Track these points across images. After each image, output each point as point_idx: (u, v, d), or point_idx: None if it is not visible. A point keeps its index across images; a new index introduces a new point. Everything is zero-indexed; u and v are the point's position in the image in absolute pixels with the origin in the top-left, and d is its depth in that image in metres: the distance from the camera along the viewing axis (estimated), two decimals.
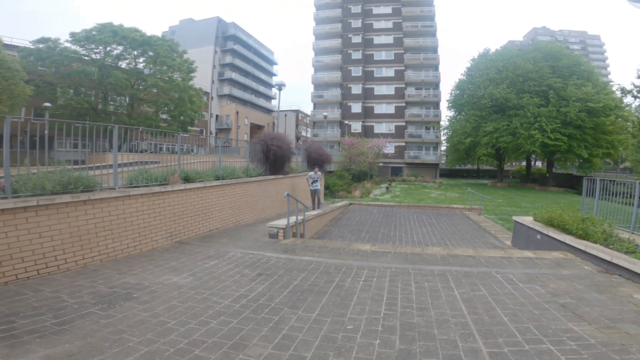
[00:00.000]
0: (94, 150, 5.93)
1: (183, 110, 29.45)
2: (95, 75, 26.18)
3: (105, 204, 5.40)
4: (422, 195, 24.71)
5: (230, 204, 8.84)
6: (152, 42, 27.80)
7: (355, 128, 44.18)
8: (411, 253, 6.11)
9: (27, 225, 4.39)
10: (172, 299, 3.92)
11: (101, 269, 5.01)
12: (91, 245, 5.20)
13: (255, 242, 7.03)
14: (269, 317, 3.51)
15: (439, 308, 3.67)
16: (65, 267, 4.83)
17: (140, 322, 3.28)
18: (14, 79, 19.24)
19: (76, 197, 4.94)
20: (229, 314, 3.55)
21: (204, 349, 2.81)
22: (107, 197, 5.40)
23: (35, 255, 4.46)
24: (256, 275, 4.90)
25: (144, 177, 6.55)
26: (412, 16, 44.85)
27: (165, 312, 3.54)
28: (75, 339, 2.87)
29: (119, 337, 2.93)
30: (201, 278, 4.72)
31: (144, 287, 4.29)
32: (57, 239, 4.73)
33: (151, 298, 3.93)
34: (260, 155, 11.66)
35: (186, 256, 5.88)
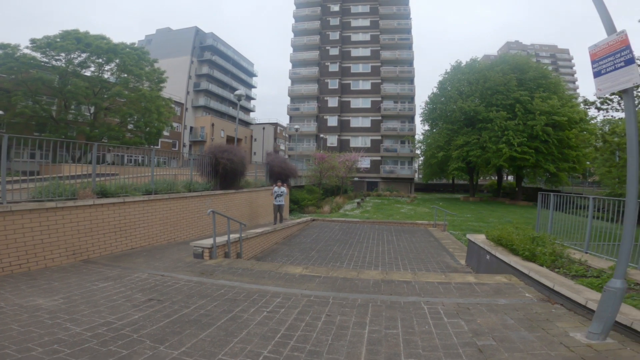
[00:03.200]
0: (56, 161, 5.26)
1: (149, 121, 28.31)
2: (55, 82, 24.80)
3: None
4: (393, 211, 24.31)
5: (161, 220, 8.01)
6: (119, 50, 26.75)
7: (332, 142, 43.86)
8: (343, 278, 5.46)
9: None
10: (14, 322, 3.35)
11: None
12: None
13: (175, 263, 6.24)
14: (116, 350, 2.88)
15: (334, 353, 3.01)
16: None
17: None
18: None
19: None
20: (67, 344, 2.94)
21: None
22: None
23: None
24: (145, 301, 4.18)
25: (50, 192, 5.76)
26: (389, 29, 45.62)
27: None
28: None
29: None
30: (74, 301, 4.04)
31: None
32: None
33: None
34: (209, 168, 10.89)
35: (78, 276, 5.11)
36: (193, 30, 54.68)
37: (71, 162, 8.81)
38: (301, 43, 47.68)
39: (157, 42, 53.63)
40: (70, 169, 6.79)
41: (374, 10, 46.53)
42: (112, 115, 27.64)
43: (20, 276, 4.96)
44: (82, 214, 6.02)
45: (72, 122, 26.18)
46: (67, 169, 6.82)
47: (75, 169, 6.95)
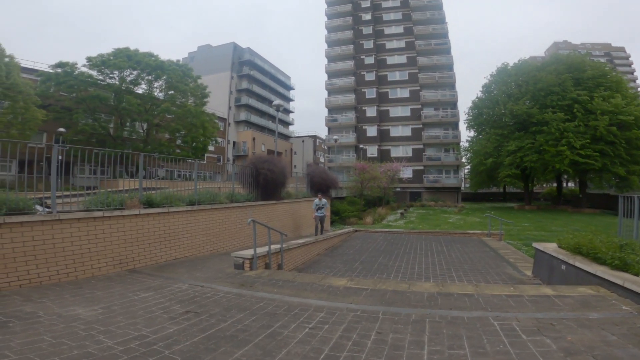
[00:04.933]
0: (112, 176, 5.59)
1: (195, 136, 29.58)
2: (111, 100, 26.61)
3: (27, 228, 4.71)
4: (439, 221, 23.00)
5: (204, 230, 8.00)
6: (166, 67, 28.18)
7: (372, 152, 43.07)
8: (393, 290, 4.94)
9: None
10: (49, 332, 3.22)
11: (11, 295, 4.38)
12: (7, 270, 4.55)
13: (216, 273, 6.09)
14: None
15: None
16: None
17: None
18: (25, 102, 19.63)
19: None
20: (95, 358, 2.73)
21: None
22: (28, 222, 4.71)
23: None
24: (182, 313, 3.98)
25: (99, 202, 5.94)
26: (424, 34, 44.42)
27: (19, 346, 2.88)
28: None
29: None
30: (113, 312, 3.92)
31: (32, 316, 3.63)
32: None
33: (23, 329, 3.27)
34: (250, 179, 10.89)
35: (122, 286, 5.07)
36: (231, 46, 56.68)
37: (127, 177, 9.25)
38: (335, 53, 47.75)
39: (198, 58, 56.36)
40: (125, 183, 7.12)
41: (406, 17, 45.70)
42: (162, 131, 29.23)
43: (66, 284, 5.02)
44: (129, 224, 6.10)
45: (127, 139, 28.01)
46: (122, 183, 7.21)
47: (129, 183, 7.20)
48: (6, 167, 7.94)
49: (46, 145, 5.49)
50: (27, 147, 5.16)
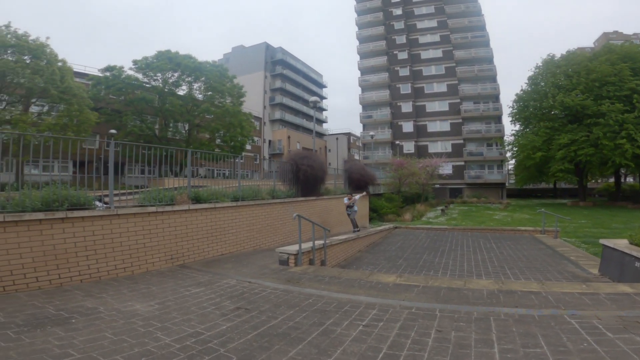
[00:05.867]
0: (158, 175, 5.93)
1: (233, 135, 30.32)
2: (155, 102, 27.90)
3: (88, 223, 4.96)
4: (484, 218, 21.90)
5: (247, 226, 8.11)
6: (204, 68, 29.02)
7: (408, 148, 41.94)
8: (447, 287, 4.68)
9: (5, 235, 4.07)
10: (110, 328, 3.28)
11: (73, 290, 4.56)
12: (69, 265, 4.77)
13: (261, 269, 6.12)
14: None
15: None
16: (36, 285, 4.44)
17: (41, 350, 2.66)
18: (79, 105, 20.86)
19: (50, 215, 4.54)
20: (156, 357, 2.71)
21: None
22: (89, 216, 4.95)
23: (1, 272, 4.12)
24: (233, 309, 3.98)
25: (152, 198, 6.18)
26: (460, 27, 42.50)
27: (83, 343, 2.90)
28: None
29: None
30: (167, 307, 3.98)
31: (93, 312, 3.73)
32: (27, 257, 4.36)
33: (85, 325, 3.32)
34: (290, 175, 10.93)
35: (174, 281, 5.20)
36: (263, 46, 57.22)
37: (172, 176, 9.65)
38: (367, 50, 46.94)
39: (233, 59, 57.57)
40: (170, 182, 7.43)
41: (439, 10, 43.90)
42: (202, 131, 30.27)
43: (123, 279, 5.21)
44: (179, 219, 6.29)
45: (171, 139, 29.30)
46: (168, 182, 7.50)
47: (174, 182, 7.48)
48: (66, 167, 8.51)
49: (101, 143, 5.77)
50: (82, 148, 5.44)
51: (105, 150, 5.80)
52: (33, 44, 19.68)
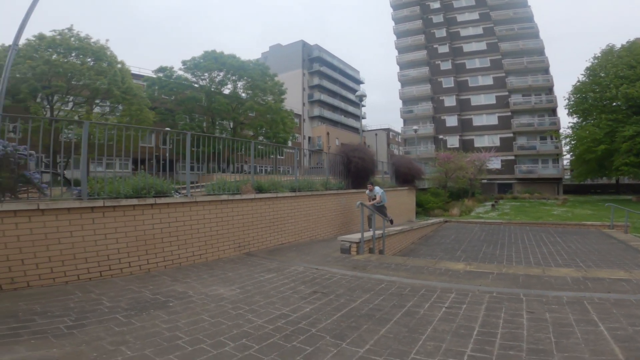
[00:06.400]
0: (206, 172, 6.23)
1: (276, 132, 31.08)
2: (203, 101, 29.24)
3: (172, 209, 5.35)
4: (540, 213, 20.65)
5: (304, 217, 8.33)
6: (247, 67, 29.99)
7: (452, 143, 40.45)
8: (524, 274, 4.53)
9: (93, 226, 4.46)
10: (205, 312, 3.46)
11: (160, 275, 4.88)
12: (156, 250, 5.13)
13: (324, 257, 6.27)
14: (300, 347, 2.69)
15: (570, 350, 2.30)
16: (128, 271, 4.80)
17: (152, 334, 2.84)
18: (139, 105, 22.26)
19: (142, 201, 4.95)
20: (254, 337, 2.86)
21: None
22: (173, 202, 5.35)
23: (99, 257, 4.50)
24: (310, 293, 4.12)
25: (219, 188, 6.54)
26: (504, 19, 40.31)
27: (186, 326, 3.06)
28: (69, 345, 2.55)
29: (115, 349, 2.50)
30: (248, 292, 4.17)
31: (185, 296, 3.95)
32: (122, 242, 4.74)
33: (183, 309, 3.51)
34: (341, 167, 11.05)
35: (246, 268, 5.45)
36: (300, 44, 57.89)
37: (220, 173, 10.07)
38: (405, 44, 45.97)
39: (271, 58, 58.70)
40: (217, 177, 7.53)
41: (480, 3, 41.81)
42: (247, 128, 31.32)
43: (200, 266, 5.52)
44: (246, 207, 6.60)
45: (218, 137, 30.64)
46: (215, 177, 7.79)
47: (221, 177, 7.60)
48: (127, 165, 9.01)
49: (182, 135, 6.19)
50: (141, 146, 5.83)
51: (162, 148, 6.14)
52: (95, 46, 20.89)
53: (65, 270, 4.23)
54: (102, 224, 4.55)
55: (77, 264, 4.31)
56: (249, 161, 25.82)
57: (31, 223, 3.96)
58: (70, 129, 16.46)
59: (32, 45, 19.66)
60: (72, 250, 4.26)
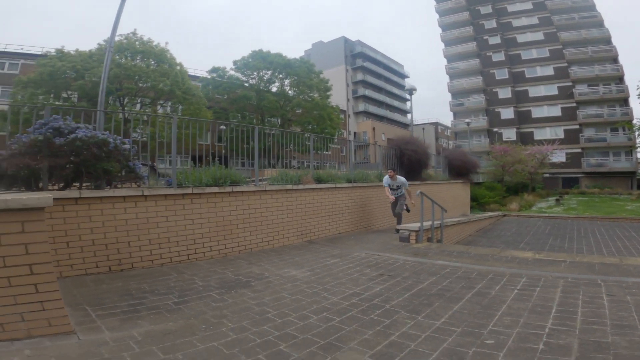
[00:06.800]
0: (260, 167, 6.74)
1: (324, 127, 31.56)
2: (253, 99, 30.53)
3: (246, 197, 5.83)
4: (613, 208, 18.95)
5: (360, 207, 8.57)
6: (292, 64, 30.85)
7: (508, 136, 38.27)
8: (600, 263, 4.40)
9: (183, 212, 5.04)
10: (284, 290, 3.80)
11: (236, 259, 5.33)
12: (232, 236, 5.64)
13: (383, 245, 6.46)
14: (378, 319, 2.93)
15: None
16: (210, 254, 5.32)
17: (244, 309, 3.20)
18: (198, 104, 23.63)
19: (222, 189, 5.48)
20: (333, 311, 3.14)
21: (291, 345, 2.46)
22: (247, 191, 5.85)
23: (187, 241, 5.06)
24: (377, 275, 4.35)
25: (282, 179, 6.99)
26: (562, 9, 37.35)
27: (271, 302, 3.41)
28: (181, 319, 2.93)
29: (218, 321, 2.88)
30: (318, 274, 4.48)
31: (263, 277, 4.32)
32: (205, 227, 5.28)
33: (264, 287, 3.88)
34: (393, 160, 11.11)
35: (311, 253, 5.80)
36: (342, 40, 57.71)
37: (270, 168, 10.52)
38: (452, 37, 44.38)
39: (314, 55, 58.96)
40: (268, 172, 8.01)
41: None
42: (294, 125, 32.15)
43: (269, 251, 5.92)
44: (308, 197, 7.00)
45: (267, 134, 31.79)
46: (267, 172, 8.22)
47: (272, 172, 7.85)
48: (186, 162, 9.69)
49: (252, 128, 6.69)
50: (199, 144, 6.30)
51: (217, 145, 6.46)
52: (156, 49, 22.33)
53: (161, 252, 4.81)
54: (190, 210, 5.13)
55: (170, 247, 4.89)
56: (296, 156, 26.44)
57: (137, 208, 4.60)
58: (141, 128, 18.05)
59: (103, 50, 21.66)
60: (167, 234, 4.86)
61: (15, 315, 2.43)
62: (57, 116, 4.35)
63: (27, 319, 2.45)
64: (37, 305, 2.49)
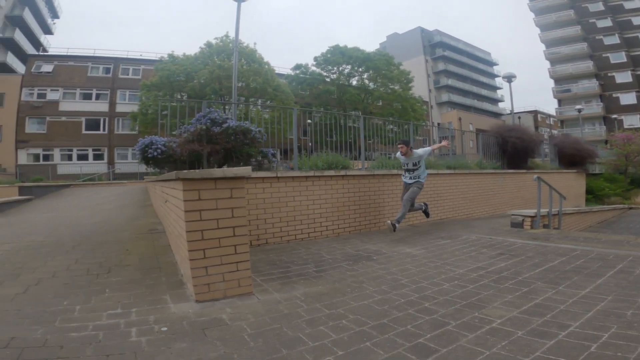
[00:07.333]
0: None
1: (407, 119, 30.90)
2: (334, 94, 31.39)
3: (356, 181, 6.29)
4: None
5: (462, 194, 8.44)
6: (372, 58, 30.88)
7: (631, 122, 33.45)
8: None
9: (307, 193, 5.67)
10: (406, 263, 4.05)
11: (349, 238, 5.77)
12: (344, 216, 6.14)
13: (493, 230, 6.33)
14: (514, 287, 3.05)
15: None
16: (325, 233, 5.87)
17: (377, 277, 3.54)
18: (288, 100, 25.05)
19: (337, 172, 6.03)
20: (464, 280, 3.34)
21: (434, 304, 2.74)
22: (357, 175, 6.32)
23: (308, 220, 5.67)
24: (496, 255, 4.37)
25: (382, 165, 7.35)
26: None
27: (399, 272, 3.68)
28: (327, 283, 3.37)
29: (359, 286, 3.27)
30: (433, 252, 4.63)
31: (381, 253, 4.62)
32: (323, 207, 5.86)
33: (387, 261, 4.18)
34: (495, 148, 10.64)
35: (418, 235, 5.96)
36: (418, 30, 55.81)
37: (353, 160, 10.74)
38: (550, 21, 40.47)
39: (389, 48, 57.32)
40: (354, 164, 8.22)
41: None
42: (377, 115, 32.07)
43: (375, 233, 6.21)
44: None
45: (350, 128, 32.33)
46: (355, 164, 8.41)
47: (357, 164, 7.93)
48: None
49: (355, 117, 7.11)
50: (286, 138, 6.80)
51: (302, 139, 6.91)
52: (247, 50, 24.19)
53: (288, 230, 5.47)
54: (311, 191, 5.76)
55: (295, 225, 5.54)
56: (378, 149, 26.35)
57: (271, 188, 5.36)
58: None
59: (204, 53, 24.18)
60: (293, 213, 5.53)
61: (218, 275, 2.83)
62: (212, 109, 5.34)
63: (226, 279, 2.87)
64: (233, 266, 2.90)
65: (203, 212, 2.77)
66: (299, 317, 2.53)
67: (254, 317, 2.51)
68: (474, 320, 2.38)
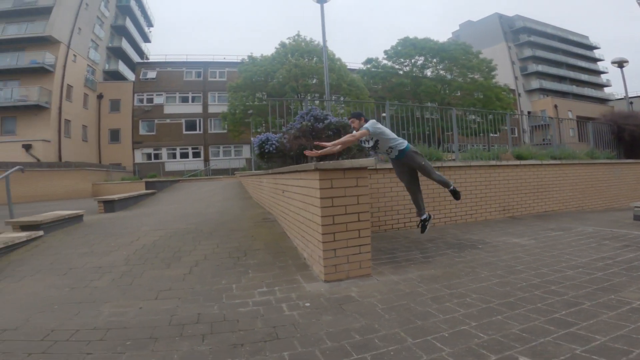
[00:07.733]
0: None
1: (492, 109, 28.72)
2: (408, 86, 30.56)
3: (452, 172, 6.26)
4: None
5: (571, 186, 7.77)
6: (447, 48, 29.41)
7: None
8: None
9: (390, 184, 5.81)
10: (517, 252, 3.97)
11: (445, 228, 5.76)
12: (440, 207, 6.14)
13: (613, 223, 5.77)
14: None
15: None
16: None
17: (488, 263, 3.56)
18: (362, 95, 25.32)
19: (432, 163, 6.00)
20: (589, 268, 3.22)
21: (562, 287, 2.73)
22: (453, 166, 6.30)
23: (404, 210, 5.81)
24: (621, 246, 4.05)
25: (474, 156, 7.16)
26: None
27: (511, 260, 3.64)
28: (438, 268, 3.47)
29: (471, 270, 3.34)
30: (545, 242, 4.43)
31: (485, 242, 4.56)
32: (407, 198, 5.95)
33: (494, 250, 4.13)
34: (608, 137, 9.57)
35: (522, 226, 5.72)
36: (495, 17, 51.57)
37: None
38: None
39: (463, 36, 53.55)
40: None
41: None
42: (457, 106, 30.38)
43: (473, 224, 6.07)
44: (511, 173, 6.89)
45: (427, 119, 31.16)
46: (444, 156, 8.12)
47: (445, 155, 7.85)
48: None
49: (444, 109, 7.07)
50: None
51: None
52: (319, 48, 24.64)
53: (386, 219, 5.69)
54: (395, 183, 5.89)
55: (392, 215, 5.75)
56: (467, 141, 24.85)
57: (371, 179, 5.64)
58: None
59: (279, 53, 25.39)
60: (390, 203, 5.74)
61: (344, 257, 3.13)
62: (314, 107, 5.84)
63: (350, 260, 3.14)
64: (356, 249, 3.17)
65: (334, 199, 3.16)
66: (421, 296, 2.73)
67: (380, 295, 2.78)
68: (611, 302, 2.39)
